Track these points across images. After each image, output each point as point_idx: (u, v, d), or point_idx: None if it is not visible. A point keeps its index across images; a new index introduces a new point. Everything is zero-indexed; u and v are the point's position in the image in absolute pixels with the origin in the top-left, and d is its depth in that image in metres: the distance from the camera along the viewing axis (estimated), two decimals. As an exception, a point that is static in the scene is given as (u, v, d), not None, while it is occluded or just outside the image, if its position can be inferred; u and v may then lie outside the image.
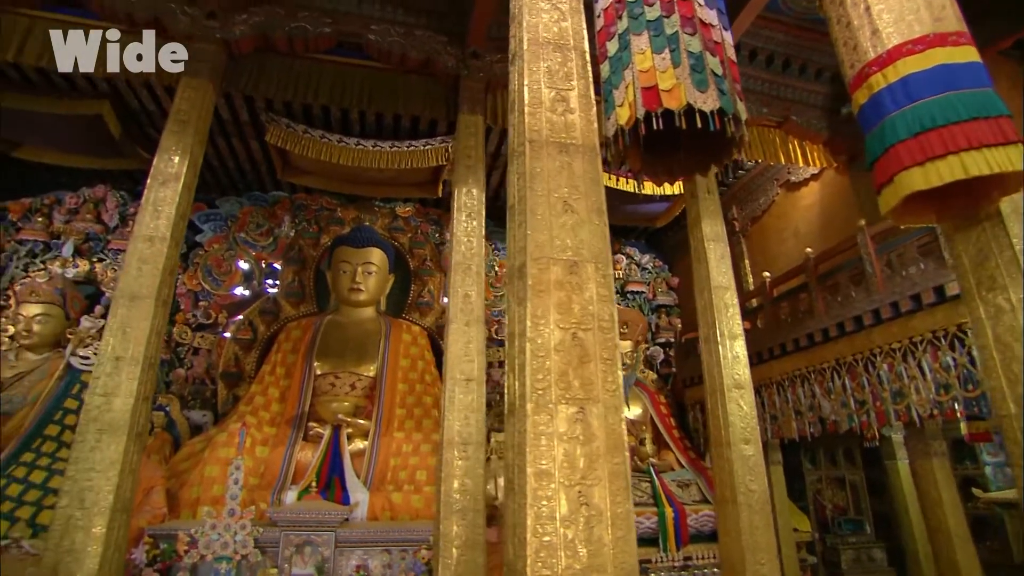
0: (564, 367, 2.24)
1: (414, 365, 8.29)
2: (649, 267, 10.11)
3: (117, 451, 4.44)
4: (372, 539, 6.09)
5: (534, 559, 1.99)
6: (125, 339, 4.63)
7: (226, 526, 5.68)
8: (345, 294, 8.39)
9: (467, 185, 5.56)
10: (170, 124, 5.34)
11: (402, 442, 7.38)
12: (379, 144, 7.55)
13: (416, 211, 9.43)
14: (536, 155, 2.57)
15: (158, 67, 5.87)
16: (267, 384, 7.85)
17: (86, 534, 4.20)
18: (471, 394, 4.96)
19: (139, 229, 4.93)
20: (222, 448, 6.79)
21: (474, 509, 4.72)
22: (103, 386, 4.52)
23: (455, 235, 5.41)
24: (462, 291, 5.19)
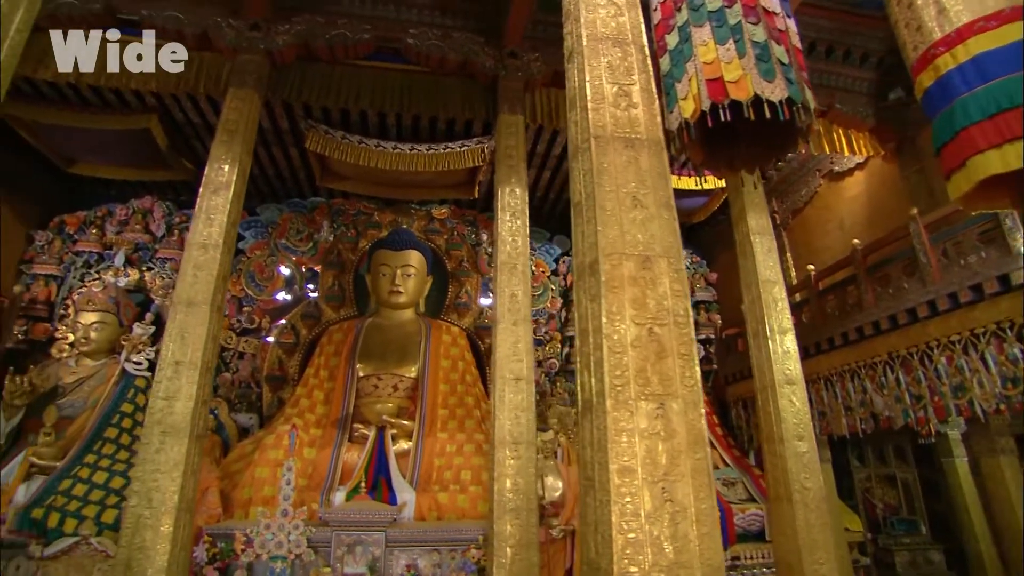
0: (642, 363, 2.23)
1: (455, 366, 8.34)
2: (687, 263, 9.98)
3: (180, 452, 4.57)
4: (421, 539, 6.14)
5: (620, 555, 1.98)
6: (184, 344, 4.76)
7: (280, 526, 5.79)
8: (385, 297, 8.48)
9: (510, 185, 5.58)
10: (219, 134, 5.48)
11: (446, 442, 7.43)
12: (416, 147, 7.61)
13: (452, 213, 9.48)
14: (602, 151, 2.56)
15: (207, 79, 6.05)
16: (312, 387, 7.99)
17: (155, 532, 4.33)
18: (520, 393, 4.96)
19: (193, 237, 5.07)
20: (271, 450, 6.93)
21: (527, 508, 4.73)
22: (165, 390, 4.66)
23: (499, 235, 5.43)
24: (508, 290, 5.20)
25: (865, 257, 6.50)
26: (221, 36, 5.94)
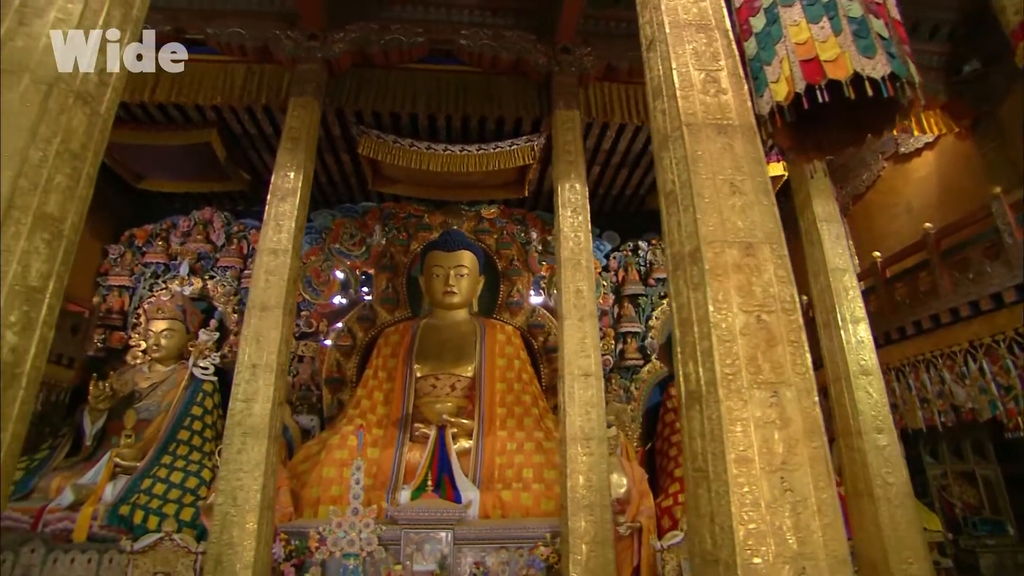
0: (752, 351, 2.18)
1: (510, 364, 8.36)
2: (741, 255, 9.76)
3: (260, 453, 4.71)
4: (488, 536, 6.17)
5: (742, 546, 1.94)
6: (259, 348, 4.91)
7: (351, 524, 5.88)
8: (439, 297, 8.57)
9: (569, 180, 5.56)
10: (283, 142, 5.63)
11: (505, 440, 7.46)
12: (466, 148, 7.66)
13: (501, 212, 9.51)
14: (695, 138, 2.52)
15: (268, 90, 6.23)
16: (371, 388, 8.13)
17: (241, 529, 4.48)
18: (590, 389, 4.93)
19: (263, 243, 5.22)
20: (336, 450, 7.08)
21: (601, 505, 4.69)
22: (243, 392, 4.81)
23: (561, 231, 5.41)
24: (573, 286, 5.18)
25: (939, 241, 6.22)
26: (280, 48, 6.11)
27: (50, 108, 2.34)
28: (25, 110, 2.28)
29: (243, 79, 6.30)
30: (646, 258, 9.77)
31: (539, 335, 9.16)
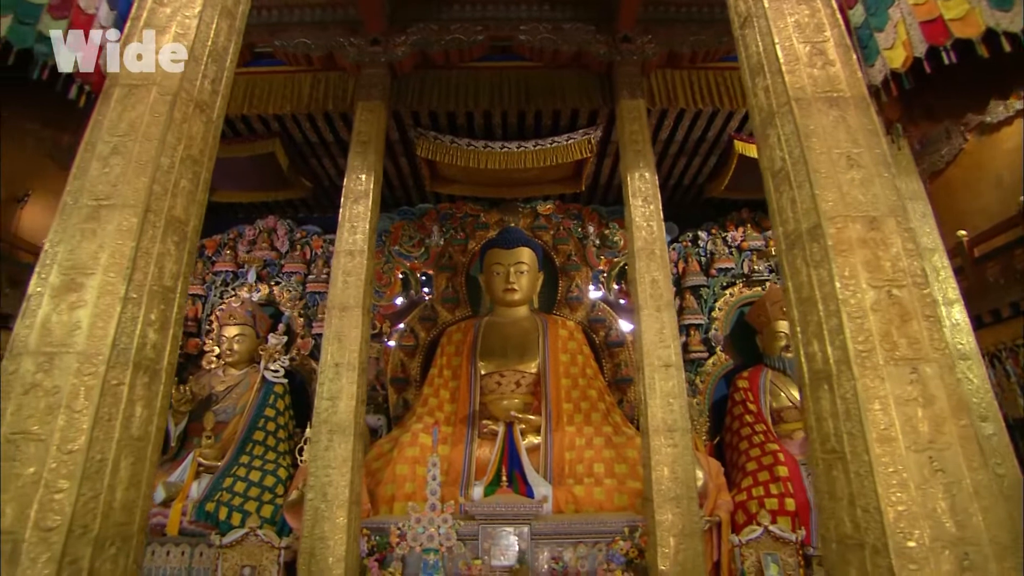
0: (886, 327, 2.09)
1: (574, 360, 8.33)
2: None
3: (347, 449, 4.84)
4: (566, 531, 6.15)
5: (893, 529, 1.86)
6: (341, 347, 5.04)
7: (430, 520, 5.97)
8: (500, 295, 8.60)
9: (638, 170, 5.49)
10: (353, 146, 5.76)
11: (574, 436, 7.43)
12: (523, 144, 7.67)
13: (557, 208, 9.48)
14: (806, 112, 2.44)
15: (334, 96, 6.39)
16: (437, 386, 8.23)
17: (332, 524, 4.61)
18: (671, 380, 4.86)
19: (340, 245, 5.36)
20: (408, 448, 7.20)
21: (687, 497, 4.62)
22: (328, 391, 4.95)
23: (632, 221, 5.35)
24: (648, 277, 5.11)
25: (1035, 216, 5.87)
26: (344, 54, 6.25)
27: (175, 117, 2.45)
28: (154, 120, 2.41)
29: (309, 87, 6.48)
30: (706, 248, 9.57)
31: (600, 330, 9.09)
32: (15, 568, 1.81)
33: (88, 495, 1.96)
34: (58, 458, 1.95)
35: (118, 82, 2.48)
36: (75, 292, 2.14)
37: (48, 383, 2.02)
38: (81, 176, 2.34)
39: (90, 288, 2.15)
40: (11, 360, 2.09)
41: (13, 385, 2.03)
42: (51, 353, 2.06)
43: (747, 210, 9.76)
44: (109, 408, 2.06)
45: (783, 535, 6.35)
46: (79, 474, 1.95)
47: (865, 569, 1.91)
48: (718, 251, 9.54)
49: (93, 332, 2.09)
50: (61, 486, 1.92)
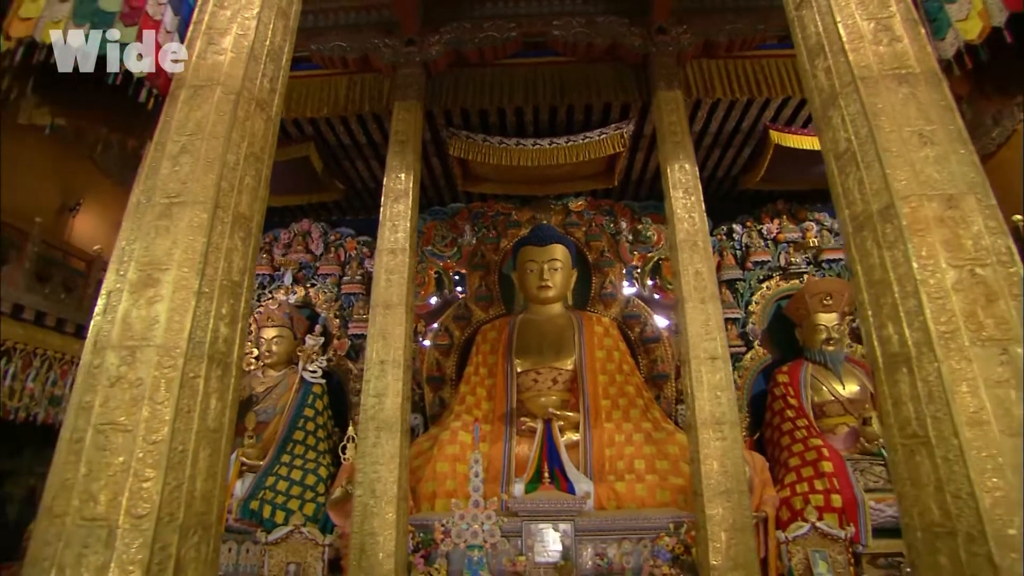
0: (970, 307, 2.03)
1: (610, 356, 8.28)
2: (845, 232, 9.22)
3: (394, 446, 4.88)
4: (610, 527, 6.12)
5: (990, 516, 1.80)
6: (386, 344, 5.08)
7: (473, 516, 5.98)
8: (534, 292, 8.59)
9: (678, 161, 5.43)
10: (392, 146, 5.81)
11: (613, 432, 7.39)
12: (555, 141, 7.65)
13: (589, 204, 9.44)
14: (872, 91, 2.38)
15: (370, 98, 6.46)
16: (474, 384, 8.26)
17: (381, 519, 4.65)
18: (718, 372, 4.79)
19: (381, 244, 5.41)
20: (448, 446, 7.23)
21: (738, 491, 4.55)
22: (374, 388, 4.99)
23: (674, 213, 5.29)
24: (692, 268, 5.05)
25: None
26: (380, 56, 6.32)
27: (239, 115, 2.50)
28: (220, 119, 2.46)
29: (345, 89, 6.56)
30: (742, 241, 9.43)
31: (635, 326, 9.01)
32: (111, 552, 1.86)
33: (172, 484, 2.01)
34: (144, 448, 2.00)
35: (184, 84, 2.55)
36: (152, 287, 2.20)
37: (132, 375, 2.07)
38: (152, 175, 2.40)
39: (166, 283, 2.21)
40: (95, 354, 2.15)
41: (99, 378, 2.10)
42: (132, 347, 2.12)
43: (782, 202, 9.59)
44: (188, 400, 2.10)
45: (831, 532, 6.21)
46: (164, 464, 2.00)
47: (958, 557, 1.85)
48: (754, 244, 9.40)
49: (170, 326, 2.15)
50: (148, 475, 1.98)
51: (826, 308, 8.39)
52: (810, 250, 9.19)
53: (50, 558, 1.89)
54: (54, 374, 6.81)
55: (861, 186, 2.37)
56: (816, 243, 9.11)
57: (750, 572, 4.37)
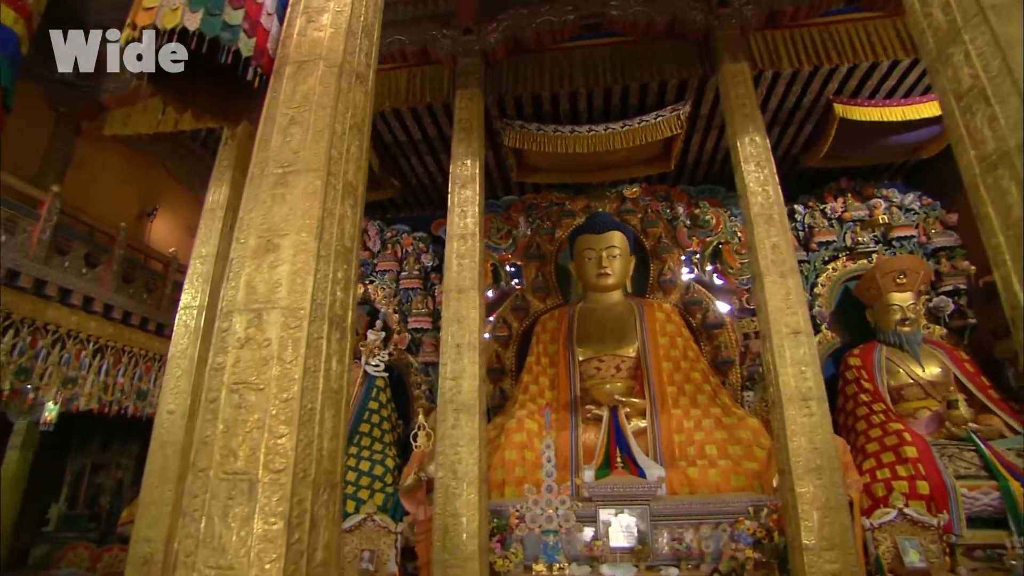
0: None
1: (673, 342, 8.14)
2: (915, 207, 8.80)
3: (473, 427, 4.90)
4: (686, 512, 6.01)
5: None
6: (460, 328, 5.11)
7: (547, 501, 5.97)
8: (593, 280, 8.52)
9: (748, 134, 5.28)
10: (456, 133, 5.86)
11: (681, 418, 7.26)
12: (610, 126, 7.56)
13: (644, 191, 9.31)
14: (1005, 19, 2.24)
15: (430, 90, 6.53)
16: (536, 374, 8.25)
17: (463, 501, 4.67)
18: (801, 347, 4.63)
19: (451, 230, 5.45)
20: (515, 434, 7.24)
21: (830, 468, 4.37)
22: (451, 371, 5.03)
23: (747, 187, 5.15)
24: (768, 242, 4.90)
25: None
26: (439, 47, 6.38)
27: (342, 87, 2.56)
28: (325, 91, 2.51)
29: (406, 83, 6.65)
30: (804, 222, 9.13)
31: (696, 312, 8.84)
32: (254, 504, 1.91)
33: (304, 441, 2.06)
34: (276, 405, 2.05)
35: (287, 61, 2.62)
36: (272, 253, 2.26)
37: (260, 337, 2.14)
38: (264, 148, 2.47)
39: (285, 248, 2.27)
40: (223, 318, 2.22)
41: (228, 340, 2.17)
42: (258, 309, 2.18)
43: (846, 179, 9.24)
44: (313, 360, 2.15)
45: (921, 518, 5.93)
46: (296, 421, 2.05)
47: None
48: (817, 224, 9.08)
49: (293, 288, 2.20)
50: (282, 431, 2.03)
51: (900, 287, 8.03)
52: (879, 228, 8.82)
53: (199, 509, 1.96)
54: (140, 370, 7.15)
55: (993, 123, 2.23)
56: (885, 220, 8.74)
57: (846, 552, 4.19)
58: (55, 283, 6.18)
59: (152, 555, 4.98)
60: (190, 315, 5.64)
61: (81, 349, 6.54)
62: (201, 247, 5.85)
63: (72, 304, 6.39)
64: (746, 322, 8.73)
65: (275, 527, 1.92)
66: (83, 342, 6.56)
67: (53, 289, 6.18)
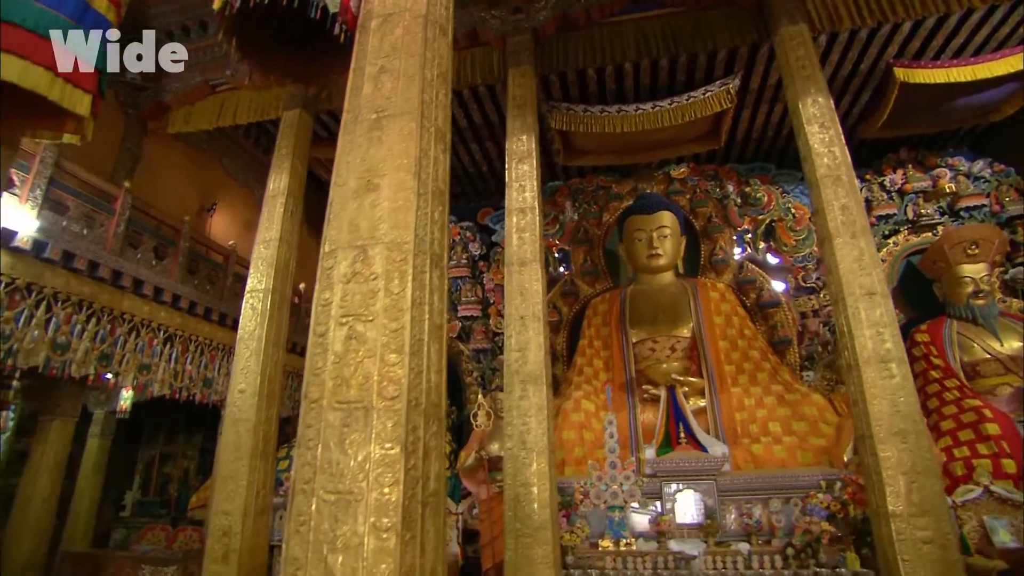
0: None
1: (729, 321, 7.99)
2: (986, 175, 8.41)
3: (540, 397, 4.89)
4: (755, 487, 5.87)
5: None
6: (524, 300, 5.12)
7: (611, 477, 5.91)
8: (644, 261, 8.43)
9: (810, 95, 5.15)
10: (510, 110, 5.88)
11: (742, 396, 7.11)
12: (658, 104, 7.48)
13: (692, 171, 9.17)
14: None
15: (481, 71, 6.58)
16: (589, 356, 8.21)
17: (532, 470, 4.67)
18: (877, 308, 4.47)
19: (510, 204, 5.47)
20: (572, 414, 7.21)
21: (915, 431, 4.20)
22: (516, 343, 5.04)
23: (811, 149, 5.01)
24: (837, 203, 4.76)
25: None
26: (487, 28, 6.43)
27: (428, 36, 2.60)
28: (413, 39, 2.56)
29: (457, 64, 6.70)
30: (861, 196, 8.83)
31: (750, 291, 8.65)
32: (369, 430, 1.95)
33: (415, 370, 2.09)
34: (387, 335, 2.09)
35: (373, 15, 2.68)
36: (373, 192, 2.31)
37: (366, 271, 2.18)
38: (355, 96, 2.53)
39: (385, 187, 2.31)
40: (326, 258, 2.28)
41: (334, 276, 2.22)
42: (362, 246, 2.23)
43: (906, 150, 8.92)
44: (419, 292, 2.19)
45: (1010, 496, 5.66)
46: (407, 350, 2.08)
47: None
48: (875, 198, 8.79)
49: (396, 223, 2.24)
50: (393, 360, 2.06)
51: (971, 258, 7.68)
52: (944, 199, 8.47)
53: (314, 438, 2.01)
54: (205, 358, 7.39)
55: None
56: (952, 190, 8.39)
57: (939, 519, 4.00)
58: (129, 274, 6.45)
59: (230, 527, 5.14)
60: (256, 298, 5.81)
61: (153, 337, 6.80)
62: (264, 232, 6.02)
63: (144, 294, 6.65)
64: (803, 300, 8.51)
65: (392, 452, 1.95)
66: (155, 330, 6.82)
67: (128, 280, 6.45)
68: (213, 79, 7.24)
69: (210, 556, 5.12)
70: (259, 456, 5.38)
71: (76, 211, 6.12)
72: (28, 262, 5.61)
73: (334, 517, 1.90)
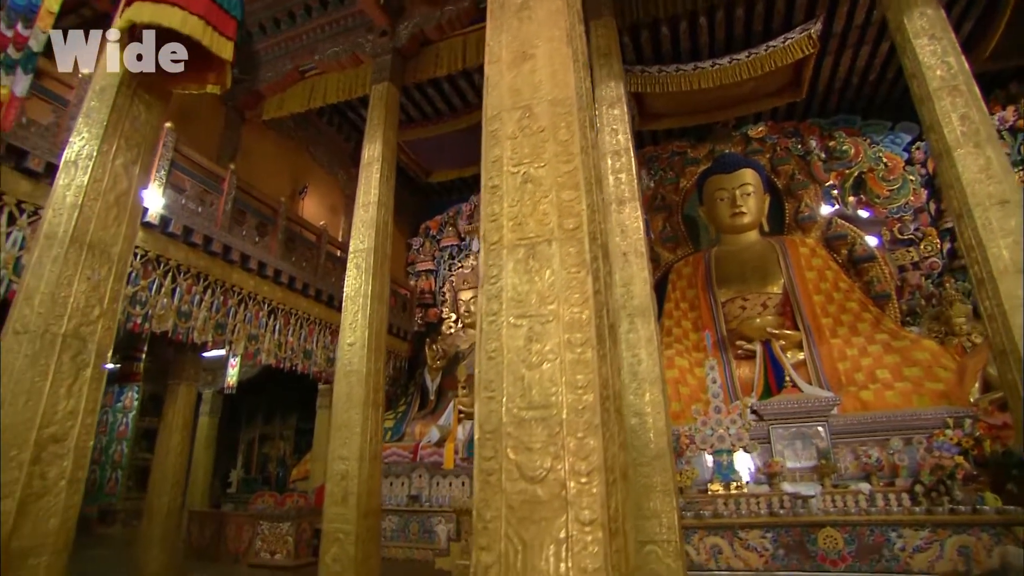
0: None
1: (822, 275, 7.74)
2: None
3: (648, 329, 4.89)
4: (871, 428, 5.65)
5: None
6: (624, 237, 5.17)
7: (717, 421, 5.82)
8: (728, 221, 8.29)
9: (916, 8, 4.96)
10: (595, 60, 5.92)
11: (843, 347, 6.85)
12: (735, 57, 7.39)
13: (770, 128, 8.97)
14: None
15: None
16: (677, 318, 8.12)
17: (644, 400, 4.66)
18: (1011, 217, 4.19)
19: (603, 147, 5.53)
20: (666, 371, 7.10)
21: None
22: (620, 278, 5.08)
23: (921, 63, 4.81)
24: (956, 114, 4.53)
25: None
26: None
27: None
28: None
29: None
30: (962, 139, 8.39)
31: (841, 247, 8.34)
32: (554, 258, 2.05)
33: (590, 207, 2.17)
34: (562, 176, 2.18)
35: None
36: (530, 60, 2.43)
37: (533, 126, 2.28)
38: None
39: (541, 56, 2.42)
40: (491, 121, 2.40)
41: (500, 135, 2.34)
42: (526, 105, 2.35)
43: (1015, 84, 8.36)
44: (583, 141, 2.27)
45: None
46: (582, 188, 2.16)
47: None
48: (973, 144, 8.32)
49: (556, 83, 2.34)
50: (569, 196, 2.15)
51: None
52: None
53: (497, 274, 2.11)
54: (304, 331, 7.76)
55: None
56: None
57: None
58: (237, 249, 6.87)
59: (348, 471, 5.34)
60: (360, 257, 6.06)
61: (259, 309, 7.20)
62: (363, 196, 6.29)
63: (250, 268, 7.06)
64: (900, 253, 8.14)
65: (579, 275, 2.02)
66: (260, 303, 7.22)
67: (236, 254, 6.87)
68: (303, 65, 7.64)
69: (330, 499, 5.34)
70: (370, 405, 5.57)
71: (192, 191, 6.58)
72: (156, 236, 6.07)
73: (528, 338, 1.98)
